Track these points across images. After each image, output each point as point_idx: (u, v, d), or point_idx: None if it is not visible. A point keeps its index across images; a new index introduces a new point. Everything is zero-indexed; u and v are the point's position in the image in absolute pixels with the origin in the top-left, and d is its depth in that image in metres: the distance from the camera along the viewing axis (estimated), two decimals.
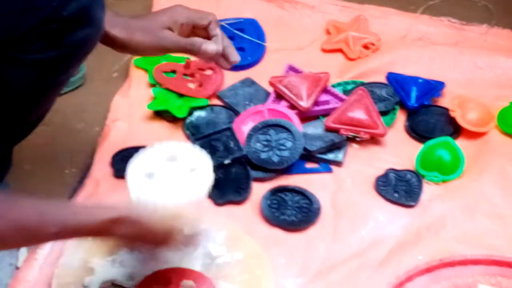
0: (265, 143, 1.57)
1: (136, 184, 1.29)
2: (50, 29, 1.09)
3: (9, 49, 1.10)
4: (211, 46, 1.40)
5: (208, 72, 1.78)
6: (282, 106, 1.65)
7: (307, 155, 1.57)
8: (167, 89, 1.71)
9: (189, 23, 1.42)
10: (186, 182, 1.30)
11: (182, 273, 1.32)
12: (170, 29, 1.40)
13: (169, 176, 1.31)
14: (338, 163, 1.58)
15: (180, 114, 1.66)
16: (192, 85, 1.73)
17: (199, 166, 1.32)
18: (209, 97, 1.72)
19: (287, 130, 1.58)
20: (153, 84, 1.74)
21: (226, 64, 1.46)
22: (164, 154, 1.33)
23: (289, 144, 1.56)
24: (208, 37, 1.43)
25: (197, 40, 1.41)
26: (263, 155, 1.56)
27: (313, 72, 1.72)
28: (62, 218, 1.11)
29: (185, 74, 1.76)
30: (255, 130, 1.59)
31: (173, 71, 1.76)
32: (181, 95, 1.70)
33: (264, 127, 1.59)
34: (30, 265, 1.37)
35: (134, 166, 1.31)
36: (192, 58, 1.79)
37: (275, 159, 1.55)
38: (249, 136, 1.58)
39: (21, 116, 1.25)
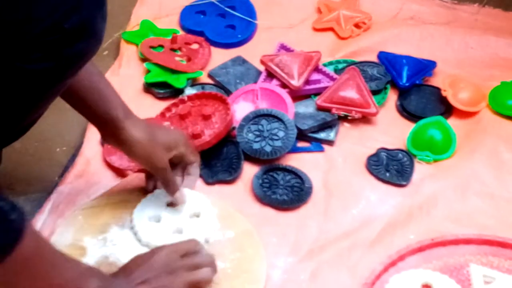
0: (257, 133, 1.55)
1: (144, 229, 1.34)
2: (49, 41, 1.07)
3: (6, 58, 1.08)
4: (181, 199, 1.38)
5: (195, 46, 1.78)
6: (274, 85, 1.65)
7: (299, 134, 1.56)
8: (157, 64, 1.71)
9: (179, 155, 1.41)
10: (191, 227, 1.35)
11: None
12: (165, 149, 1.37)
13: (174, 221, 1.36)
14: (329, 142, 1.58)
15: (179, 84, 1.67)
16: (180, 59, 1.72)
17: (202, 212, 1.38)
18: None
19: (279, 119, 1.56)
20: (145, 59, 1.74)
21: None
22: (165, 199, 1.39)
23: (281, 133, 1.54)
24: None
25: (176, 183, 1.38)
26: (255, 145, 1.54)
27: (304, 51, 1.71)
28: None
29: (172, 49, 1.76)
30: (247, 120, 1.57)
31: (160, 46, 1.76)
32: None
33: (256, 117, 1.57)
34: None
35: (138, 211, 1.36)
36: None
37: (268, 149, 1.53)
38: (241, 127, 1.56)
39: (14, 122, 1.24)
